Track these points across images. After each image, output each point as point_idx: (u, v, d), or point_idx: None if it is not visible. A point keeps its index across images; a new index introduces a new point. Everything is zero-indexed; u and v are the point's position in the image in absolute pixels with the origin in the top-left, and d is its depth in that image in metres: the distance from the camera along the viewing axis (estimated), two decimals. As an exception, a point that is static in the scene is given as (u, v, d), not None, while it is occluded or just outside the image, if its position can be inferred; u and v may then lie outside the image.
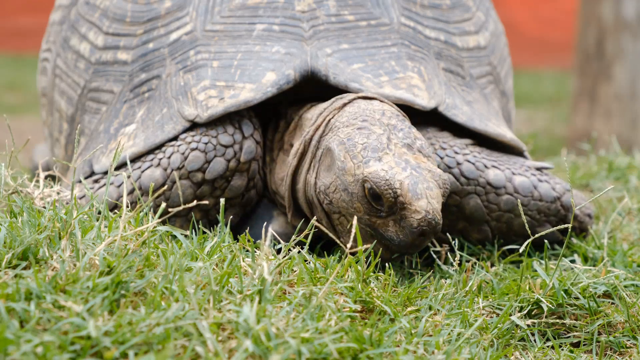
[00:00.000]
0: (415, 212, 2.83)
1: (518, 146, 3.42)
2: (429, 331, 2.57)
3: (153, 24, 3.42)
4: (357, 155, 2.92)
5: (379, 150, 2.92)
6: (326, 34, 3.33)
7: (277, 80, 3.22)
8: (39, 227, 2.59)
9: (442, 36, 3.49)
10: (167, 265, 2.47)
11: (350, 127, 3.00)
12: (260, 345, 2.24)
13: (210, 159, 3.14)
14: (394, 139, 2.96)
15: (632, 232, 3.65)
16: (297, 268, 2.72)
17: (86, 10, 3.59)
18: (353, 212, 2.93)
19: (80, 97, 3.54)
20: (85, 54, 3.54)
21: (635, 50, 8.60)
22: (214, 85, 3.24)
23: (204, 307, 2.36)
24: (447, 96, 3.37)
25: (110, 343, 2.19)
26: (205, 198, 3.16)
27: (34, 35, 15.41)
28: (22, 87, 12.48)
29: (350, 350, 2.32)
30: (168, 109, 3.27)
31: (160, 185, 3.14)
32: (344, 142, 2.97)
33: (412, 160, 2.92)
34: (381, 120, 3.01)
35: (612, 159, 4.91)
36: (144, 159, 3.20)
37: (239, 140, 3.18)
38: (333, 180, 2.97)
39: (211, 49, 3.32)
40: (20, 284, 2.31)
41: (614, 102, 8.69)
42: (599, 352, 2.69)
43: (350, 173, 2.92)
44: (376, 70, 3.30)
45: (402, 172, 2.87)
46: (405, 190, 2.84)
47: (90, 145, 3.45)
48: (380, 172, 2.87)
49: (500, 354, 2.55)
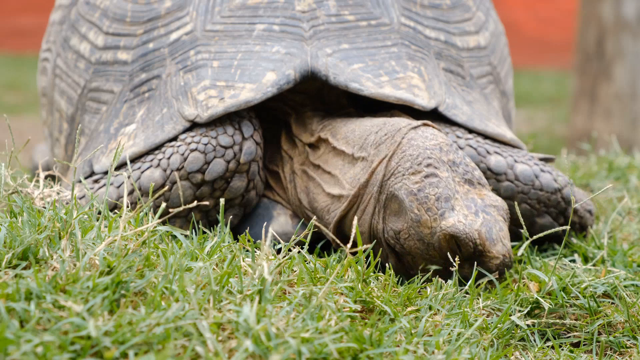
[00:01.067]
0: (493, 257, 2.90)
1: (518, 145, 3.42)
2: (429, 331, 2.57)
3: (153, 23, 3.41)
4: (432, 208, 2.91)
5: (450, 199, 2.93)
6: (326, 34, 3.33)
7: (278, 80, 3.22)
8: (39, 227, 2.59)
9: (443, 36, 3.49)
10: (167, 265, 2.47)
11: (417, 176, 2.97)
12: (260, 345, 2.24)
13: (209, 160, 3.14)
14: (457, 178, 2.98)
15: (632, 232, 3.65)
16: (297, 268, 2.72)
17: (86, 10, 3.58)
18: (428, 258, 2.95)
19: (81, 97, 3.54)
20: (86, 53, 3.54)
21: (635, 50, 8.61)
22: (214, 85, 3.24)
23: (204, 307, 2.36)
24: (448, 96, 3.37)
25: (110, 343, 2.19)
26: (205, 199, 3.16)
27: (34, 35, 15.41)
28: (22, 87, 12.48)
29: (350, 350, 2.32)
30: (168, 109, 3.27)
31: (159, 186, 3.14)
32: (415, 194, 2.94)
33: (478, 199, 2.95)
34: (442, 158, 2.99)
35: (612, 159, 4.91)
36: (143, 159, 3.20)
37: (239, 141, 3.17)
38: (405, 229, 2.96)
39: (211, 48, 3.32)
40: (20, 284, 2.31)
41: (614, 102, 8.69)
42: (599, 352, 2.69)
43: (427, 226, 2.91)
44: (376, 70, 3.30)
45: (475, 219, 2.90)
46: (483, 239, 2.88)
47: (90, 145, 3.45)
48: (459, 224, 2.88)
49: (500, 354, 2.55)
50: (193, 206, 3.07)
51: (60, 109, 3.65)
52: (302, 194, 3.28)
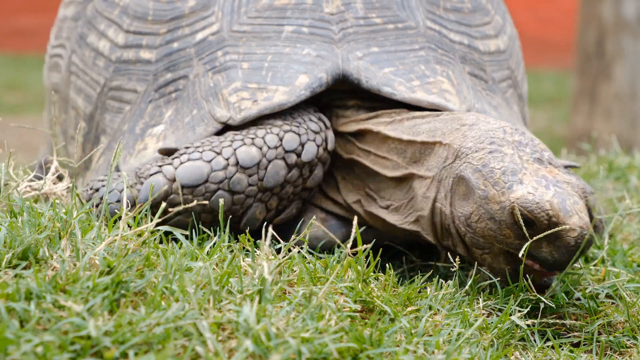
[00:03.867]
0: (570, 230, 2.76)
1: None
2: (429, 331, 2.57)
3: (177, 23, 3.39)
4: (499, 182, 2.83)
5: (517, 172, 2.83)
6: (355, 36, 3.31)
7: (310, 84, 3.21)
8: (39, 227, 2.59)
9: (466, 40, 3.47)
10: (167, 265, 2.47)
11: (480, 153, 2.91)
12: (260, 345, 2.24)
13: (304, 142, 3.14)
14: (524, 156, 2.89)
15: (632, 232, 3.65)
16: (297, 268, 2.72)
17: (104, 7, 3.55)
18: (502, 239, 2.84)
19: (100, 95, 3.50)
20: (105, 51, 3.51)
21: (635, 50, 8.61)
22: (246, 87, 3.22)
23: (204, 307, 2.36)
24: (476, 101, 3.36)
25: (110, 343, 2.19)
26: (289, 185, 3.13)
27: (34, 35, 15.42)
28: (22, 87, 12.49)
29: (351, 350, 2.32)
30: (198, 110, 3.24)
31: (256, 163, 3.09)
32: (480, 170, 2.88)
33: (549, 175, 2.85)
34: (505, 139, 2.93)
35: (612, 159, 4.91)
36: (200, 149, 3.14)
37: (324, 128, 3.19)
38: (474, 210, 2.88)
39: (239, 50, 3.29)
40: (20, 284, 2.31)
41: (614, 102, 8.69)
42: (599, 352, 2.69)
43: (495, 201, 2.82)
44: (407, 75, 3.28)
45: (546, 191, 2.79)
46: (557, 210, 2.76)
47: (112, 144, 3.41)
48: (528, 195, 2.78)
49: (500, 354, 2.55)
50: (193, 205, 3.02)
51: (77, 107, 3.61)
52: (355, 180, 3.26)
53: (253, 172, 3.07)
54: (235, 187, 3.05)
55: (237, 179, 3.06)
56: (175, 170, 3.05)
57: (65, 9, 3.83)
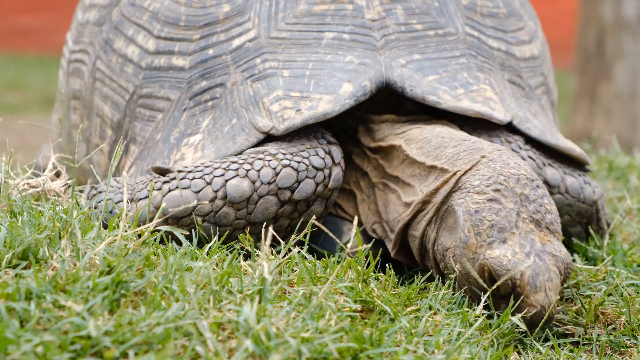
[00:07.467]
0: (531, 305, 2.70)
1: (585, 160, 3.36)
2: (429, 331, 2.57)
3: (211, 29, 3.29)
4: (482, 233, 2.77)
5: (505, 231, 2.76)
6: (397, 43, 3.24)
7: (355, 92, 3.12)
8: (39, 227, 2.60)
9: (503, 46, 3.41)
10: (167, 265, 2.47)
11: (481, 196, 2.83)
12: (260, 345, 2.24)
13: (301, 179, 3.00)
14: (524, 213, 2.80)
15: (632, 232, 3.65)
16: (297, 268, 2.72)
17: (132, 12, 3.45)
18: (466, 283, 2.81)
19: (129, 102, 3.40)
20: (134, 58, 3.40)
21: (635, 50, 8.60)
22: (288, 96, 3.12)
23: (204, 307, 2.36)
24: (519, 109, 3.30)
25: (111, 343, 2.19)
26: (282, 219, 3.03)
27: (34, 35, 15.42)
28: (22, 87, 12.48)
29: (351, 350, 2.32)
30: (238, 120, 3.14)
31: (247, 197, 2.98)
32: (471, 214, 2.81)
33: (538, 241, 2.77)
34: (514, 189, 2.83)
35: (612, 159, 4.91)
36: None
37: (329, 165, 3.05)
38: (452, 247, 2.85)
39: (279, 57, 3.20)
40: (20, 284, 2.31)
41: (614, 101, 8.69)
42: (599, 352, 2.69)
43: (472, 250, 2.78)
44: (451, 82, 3.21)
45: (524, 259, 2.72)
46: (525, 282, 2.70)
47: (145, 154, 3.31)
48: (502, 258, 2.72)
49: (500, 354, 2.55)
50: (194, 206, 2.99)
51: (103, 115, 3.50)
52: (382, 207, 3.18)
53: (242, 206, 2.97)
54: (221, 220, 2.96)
55: (223, 213, 2.97)
56: (162, 198, 2.97)
57: (86, 12, 3.72)
